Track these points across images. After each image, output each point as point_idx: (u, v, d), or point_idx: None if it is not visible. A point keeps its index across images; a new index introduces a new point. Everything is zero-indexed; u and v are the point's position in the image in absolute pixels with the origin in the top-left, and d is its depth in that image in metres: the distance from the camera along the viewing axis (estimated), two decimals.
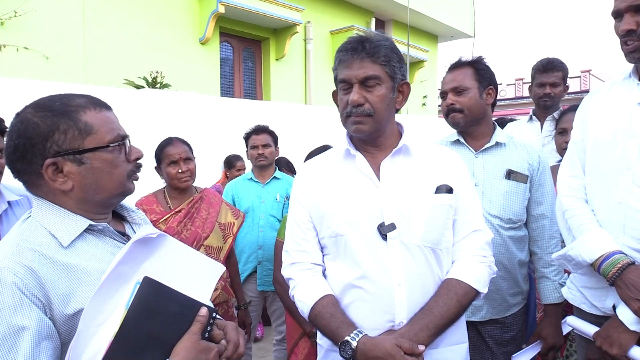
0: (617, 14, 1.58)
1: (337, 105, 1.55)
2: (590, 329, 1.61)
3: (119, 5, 7.36)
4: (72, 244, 1.10)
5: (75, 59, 6.84)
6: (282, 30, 9.68)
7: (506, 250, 2.03)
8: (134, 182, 1.24)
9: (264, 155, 3.46)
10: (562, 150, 2.56)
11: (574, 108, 2.49)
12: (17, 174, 1.13)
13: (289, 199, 3.46)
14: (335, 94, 1.57)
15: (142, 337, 1.01)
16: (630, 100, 1.61)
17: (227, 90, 9.23)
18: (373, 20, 12.28)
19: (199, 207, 2.75)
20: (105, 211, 1.22)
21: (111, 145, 1.15)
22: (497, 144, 2.10)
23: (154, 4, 7.77)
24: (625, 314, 1.49)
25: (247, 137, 3.59)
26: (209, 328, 1.12)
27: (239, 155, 5.34)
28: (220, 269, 1.26)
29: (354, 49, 1.44)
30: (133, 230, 1.31)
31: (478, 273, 1.47)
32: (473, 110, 2.06)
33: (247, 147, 3.61)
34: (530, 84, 3.36)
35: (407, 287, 1.41)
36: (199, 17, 8.35)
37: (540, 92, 3.20)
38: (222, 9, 8.06)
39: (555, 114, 3.18)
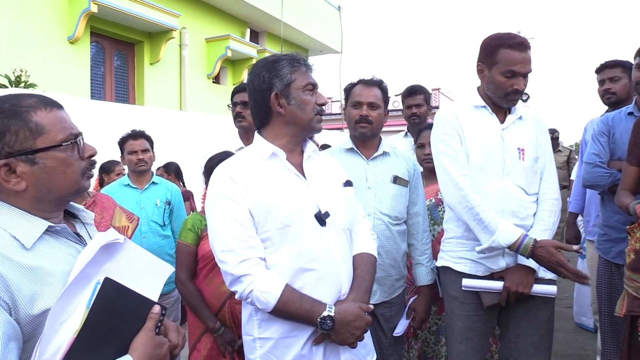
0: (513, 74, 2.14)
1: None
2: (494, 284, 2.18)
3: None
4: (33, 246, 1.10)
5: None
6: (157, 34, 9.50)
7: (394, 242, 2.42)
8: (89, 179, 1.26)
9: (144, 160, 3.42)
10: (421, 160, 3.04)
11: (429, 126, 2.99)
12: None
13: (169, 204, 3.50)
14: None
15: (103, 334, 1.06)
16: (494, 127, 2.23)
17: (97, 92, 8.81)
18: (248, 31, 12.51)
19: (92, 211, 2.76)
20: (59, 209, 1.23)
21: (63, 144, 1.15)
22: (384, 153, 2.50)
23: None
24: (532, 262, 2.11)
25: (122, 142, 3.51)
26: (159, 324, 1.17)
27: (116, 160, 5.20)
28: (169, 269, 1.30)
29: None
30: (86, 229, 1.34)
31: (375, 247, 1.92)
32: (379, 125, 2.46)
33: (122, 153, 3.52)
34: (402, 107, 4.01)
35: (345, 262, 1.73)
36: (68, 14, 7.90)
37: (409, 112, 3.85)
38: (94, 8, 7.74)
39: None
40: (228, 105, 3.11)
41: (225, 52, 10.87)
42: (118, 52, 9.35)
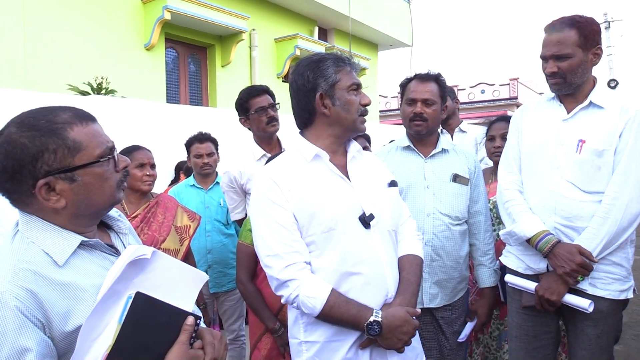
0: (544, 59, 2.10)
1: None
2: (529, 284, 2.13)
3: (62, 10, 7.22)
4: (66, 262, 1.11)
5: (15, 64, 6.65)
6: (227, 37, 9.77)
7: (455, 243, 2.32)
8: (123, 190, 1.26)
9: (209, 164, 3.55)
10: (491, 154, 2.90)
11: (501, 118, 2.91)
12: (6, 193, 1.13)
13: None
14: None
15: (136, 349, 1.05)
16: (556, 117, 2.14)
17: (172, 96, 9.21)
18: (316, 29, 12.56)
19: (155, 211, 2.85)
20: (95, 222, 1.23)
21: (101, 159, 1.16)
22: (443, 150, 2.39)
23: (98, 9, 7.68)
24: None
25: (189, 145, 3.65)
26: (193, 335, 1.15)
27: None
28: (203, 277, 1.26)
29: None
30: (120, 239, 1.33)
31: (421, 248, 1.86)
32: (435, 122, 2.35)
33: (189, 154, 3.67)
34: None
35: (390, 265, 1.68)
36: (144, 22, 8.32)
37: None
38: (168, 16, 8.08)
39: (462, 126, 3.83)
40: (241, 119, 3.09)
41: (294, 51, 10.98)
42: (191, 56, 9.72)
